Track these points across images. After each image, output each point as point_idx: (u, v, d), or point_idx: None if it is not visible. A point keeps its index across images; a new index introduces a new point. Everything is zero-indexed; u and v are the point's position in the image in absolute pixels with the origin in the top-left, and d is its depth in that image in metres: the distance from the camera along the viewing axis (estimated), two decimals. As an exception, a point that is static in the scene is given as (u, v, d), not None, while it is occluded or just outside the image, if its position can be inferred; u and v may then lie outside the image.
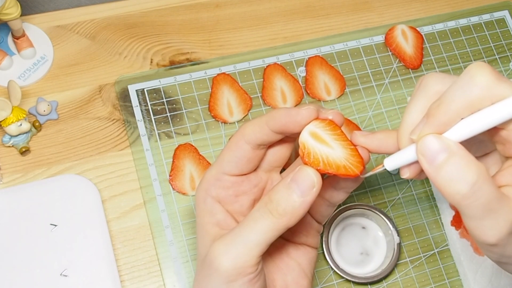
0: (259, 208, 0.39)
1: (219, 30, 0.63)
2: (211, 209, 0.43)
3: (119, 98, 0.58)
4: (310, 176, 0.39)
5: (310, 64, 0.62)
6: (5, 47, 0.58)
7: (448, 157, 0.34)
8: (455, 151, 0.34)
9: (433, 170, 0.35)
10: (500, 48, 0.67)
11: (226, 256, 0.38)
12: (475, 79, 0.34)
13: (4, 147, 0.55)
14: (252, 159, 0.43)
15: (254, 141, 0.42)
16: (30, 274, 0.50)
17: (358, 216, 0.57)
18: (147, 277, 0.53)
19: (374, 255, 0.56)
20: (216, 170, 0.43)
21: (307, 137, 0.40)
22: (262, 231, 0.38)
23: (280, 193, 0.39)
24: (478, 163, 0.34)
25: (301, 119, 0.40)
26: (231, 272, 0.38)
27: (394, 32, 0.65)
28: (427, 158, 0.35)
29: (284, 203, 0.38)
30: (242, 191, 0.44)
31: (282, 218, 0.38)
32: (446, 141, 0.35)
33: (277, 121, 0.41)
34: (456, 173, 0.34)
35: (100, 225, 0.52)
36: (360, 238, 0.56)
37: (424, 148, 0.35)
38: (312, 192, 0.39)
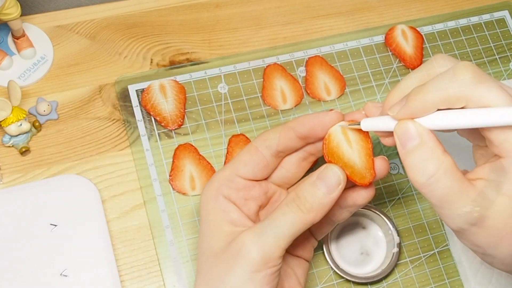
0: (287, 203, 0.41)
1: (219, 30, 0.63)
2: (225, 208, 0.43)
3: (119, 98, 0.58)
4: (336, 173, 0.40)
5: (310, 64, 0.62)
6: (5, 47, 0.58)
7: (417, 145, 0.37)
8: (425, 141, 0.36)
9: (403, 153, 0.37)
10: (500, 48, 0.67)
11: (255, 244, 0.39)
12: (458, 77, 0.36)
13: (4, 147, 0.55)
14: (268, 166, 0.44)
15: (276, 146, 0.43)
16: (30, 274, 0.50)
17: (358, 216, 0.57)
18: (147, 277, 0.53)
19: (374, 255, 0.56)
20: (230, 171, 0.44)
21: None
22: (290, 224, 0.40)
23: (307, 190, 0.40)
24: (442, 156, 0.36)
25: (329, 121, 0.42)
26: (258, 261, 0.39)
27: (394, 32, 0.65)
28: (401, 141, 0.37)
29: (311, 200, 0.40)
30: (252, 195, 0.44)
31: (310, 213, 0.40)
32: (420, 129, 0.37)
33: (304, 124, 0.42)
34: (419, 163, 0.36)
35: (100, 225, 0.52)
36: (360, 238, 0.56)
37: (400, 131, 0.37)
38: (338, 189, 0.40)
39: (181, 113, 0.58)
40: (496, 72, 0.65)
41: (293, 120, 0.43)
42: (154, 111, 0.57)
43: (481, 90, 0.35)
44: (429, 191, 0.36)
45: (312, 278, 0.55)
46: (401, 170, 0.60)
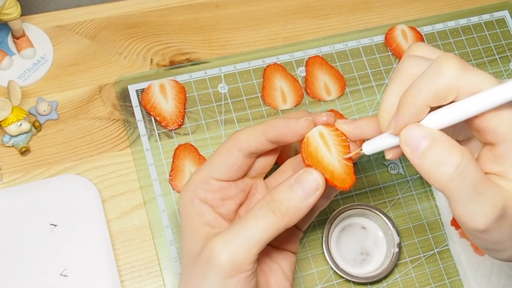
0: (261, 207, 0.39)
1: (219, 30, 0.63)
2: (200, 210, 0.43)
3: (119, 98, 0.58)
4: (315, 178, 0.39)
5: (310, 64, 0.62)
6: (5, 47, 0.58)
7: (431, 142, 0.35)
8: (437, 136, 0.35)
9: (417, 158, 0.35)
10: (500, 48, 0.67)
11: (226, 251, 0.38)
12: (442, 69, 0.34)
13: (4, 147, 0.55)
14: (242, 167, 0.43)
15: (248, 149, 0.42)
16: (30, 274, 0.50)
17: (358, 216, 0.57)
18: (147, 277, 0.53)
19: (374, 255, 0.56)
20: (204, 174, 0.43)
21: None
22: (263, 229, 0.39)
23: (283, 193, 0.39)
24: (461, 146, 0.35)
25: (299, 128, 0.41)
26: (229, 268, 0.38)
27: (394, 32, 0.65)
28: (411, 147, 0.35)
29: (287, 203, 0.39)
30: (229, 195, 0.44)
31: (284, 217, 0.39)
32: (427, 129, 0.35)
33: (275, 130, 0.41)
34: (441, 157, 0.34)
35: (100, 225, 0.52)
36: (360, 238, 0.56)
37: (407, 138, 0.36)
38: (316, 194, 0.39)
39: (181, 113, 0.58)
40: (496, 72, 0.65)
41: (264, 124, 0.42)
42: (154, 111, 0.57)
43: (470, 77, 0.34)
44: (460, 183, 0.34)
45: (312, 278, 0.55)
46: (400, 170, 0.60)
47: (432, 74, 0.35)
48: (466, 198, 0.35)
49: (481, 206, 0.35)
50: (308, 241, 0.56)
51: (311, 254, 0.56)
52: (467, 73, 0.34)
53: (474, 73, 0.34)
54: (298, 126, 0.41)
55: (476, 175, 0.34)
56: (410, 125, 0.36)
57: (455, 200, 0.35)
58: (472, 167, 0.34)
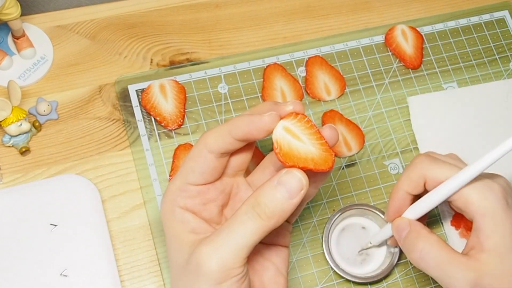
0: (246, 211, 0.39)
1: (219, 30, 0.63)
2: (182, 218, 0.42)
3: (119, 98, 0.58)
4: (298, 178, 0.39)
5: (310, 64, 0.62)
6: (5, 47, 0.58)
7: (407, 233, 0.46)
8: (413, 228, 0.46)
9: (401, 243, 0.47)
10: (500, 48, 0.67)
11: (214, 259, 0.38)
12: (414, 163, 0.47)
13: (4, 147, 0.55)
14: (216, 168, 0.43)
15: (217, 150, 0.42)
16: (30, 274, 0.50)
17: (358, 216, 0.57)
18: (147, 277, 0.53)
19: (374, 255, 0.56)
20: (180, 181, 0.43)
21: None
22: (250, 233, 0.39)
23: (268, 195, 0.39)
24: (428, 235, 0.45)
25: (264, 125, 0.40)
26: (219, 275, 0.38)
27: (394, 32, 0.65)
28: (397, 234, 0.48)
29: (272, 206, 0.39)
30: (209, 199, 0.43)
31: (270, 220, 0.39)
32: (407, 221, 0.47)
33: (240, 129, 0.41)
34: (411, 244, 0.46)
35: (100, 225, 0.52)
36: (360, 238, 0.56)
37: (394, 228, 0.48)
38: (301, 194, 0.39)
39: (181, 113, 0.58)
40: (496, 72, 0.65)
41: (229, 123, 0.41)
42: (154, 111, 0.57)
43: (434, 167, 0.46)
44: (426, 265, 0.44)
45: (312, 278, 0.55)
46: (400, 170, 0.60)
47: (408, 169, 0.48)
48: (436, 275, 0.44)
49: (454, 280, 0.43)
50: (308, 241, 0.56)
51: (311, 254, 0.56)
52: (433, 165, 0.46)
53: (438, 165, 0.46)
54: (262, 122, 0.40)
55: (440, 258, 0.44)
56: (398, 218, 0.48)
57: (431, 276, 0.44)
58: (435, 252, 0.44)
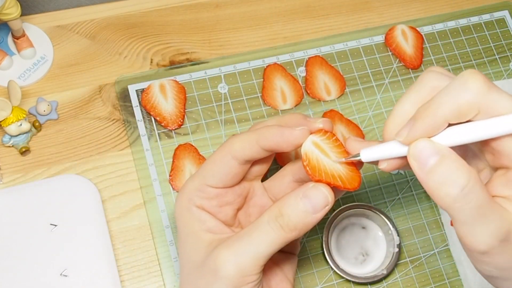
0: (268, 221, 0.39)
1: (219, 30, 0.63)
2: (199, 217, 0.42)
3: (119, 98, 0.58)
4: (324, 194, 0.39)
5: (310, 64, 0.62)
6: (5, 47, 0.58)
7: (440, 160, 0.34)
8: (446, 154, 0.34)
9: (424, 174, 0.35)
10: (500, 48, 0.67)
11: (232, 264, 0.39)
12: (468, 85, 0.34)
13: (4, 147, 0.55)
14: (237, 174, 0.43)
15: (242, 158, 0.42)
16: (30, 274, 0.50)
17: (358, 216, 0.57)
18: (147, 277, 0.53)
19: (374, 255, 0.56)
20: (199, 182, 0.43)
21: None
22: (270, 243, 0.39)
23: (292, 208, 0.39)
24: (470, 167, 0.34)
25: (294, 139, 0.40)
26: (236, 280, 0.39)
27: (394, 32, 0.65)
28: (419, 163, 0.35)
29: (295, 219, 0.39)
30: (226, 202, 0.43)
31: (292, 232, 0.39)
32: (438, 145, 0.35)
33: (269, 140, 0.41)
34: (447, 176, 0.34)
35: (100, 225, 0.52)
36: (360, 238, 0.56)
37: (416, 152, 0.35)
38: (325, 209, 0.39)
39: (181, 113, 0.58)
40: (496, 72, 0.65)
41: (258, 133, 0.41)
42: (154, 111, 0.57)
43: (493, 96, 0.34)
44: (464, 204, 0.34)
45: (312, 278, 0.55)
46: (400, 170, 0.60)
47: (456, 88, 0.34)
48: (469, 219, 0.34)
49: (485, 228, 0.34)
50: (308, 241, 0.56)
51: (311, 254, 0.56)
52: (491, 92, 0.34)
53: (497, 93, 0.34)
54: (293, 136, 0.40)
55: (482, 198, 0.34)
56: (420, 139, 0.35)
57: (458, 220, 0.35)
58: (479, 189, 0.34)
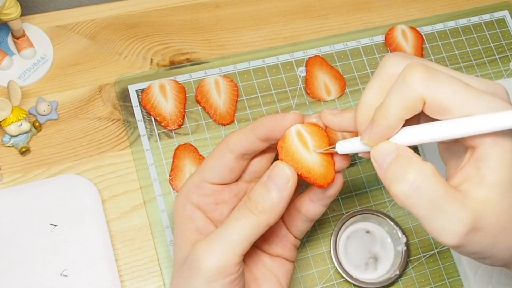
0: (239, 207, 0.40)
1: (219, 30, 0.63)
2: (191, 215, 0.43)
3: (119, 98, 0.58)
4: (284, 171, 0.39)
5: (310, 64, 0.62)
6: (5, 47, 0.58)
7: (393, 159, 0.36)
8: (401, 153, 0.36)
9: (382, 173, 0.36)
10: (500, 48, 0.67)
11: (209, 255, 0.39)
12: (407, 81, 0.35)
13: (4, 147, 0.55)
14: (234, 169, 0.43)
15: (239, 150, 0.42)
16: (30, 274, 0.50)
17: (360, 222, 0.56)
18: (147, 277, 0.53)
19: (383, 258, 0.56)
20: (198, 178, 0.43)
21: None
22: (243, 229, 0.39)
23: (258, 190, 0.40)
24: (421, 163, 0.35)
25: (287, 123, 0.41)
26: (213, 272, 0.38)
27: (394, 32, 0.65)
28: (378, 163, 0.36)
29: (262, 200, 0.39)
30: (222, 199, 0.44)
31: (262, 215, 0.39)
32: (394, 145, 0.36)
33: (263, 126, 0.41)
34: (398, 173, 0.35)
35: (100, 225, 0.52)
36: (366, 243, 0.56)
37: (375, 154, 0.37)
38: (288, 187, 0.39)
39: (181, 113, 0.58)
40: (496, 72, 0.65)
41: (253, 123, 0.42)
42: (154, 111, 0.57)
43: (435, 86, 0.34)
44: (416, 201, 0.34)
45: (312, 278, 0.55)
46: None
47: (399, 87, 0.35)
48: (426, 214, 0.34)
49: (447, 222, 0.34)
50: (308, 241, 0.56)
51: (311, 254, 0.56)
52: (432, 82, 0.34)
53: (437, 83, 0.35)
54: (286, 120, 0.41)
55: (436, 191, 0.34)
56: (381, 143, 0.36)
57: (417, 216, 0.35)
58: (430, 184, 0.34)
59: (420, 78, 0.34)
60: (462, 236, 0.34)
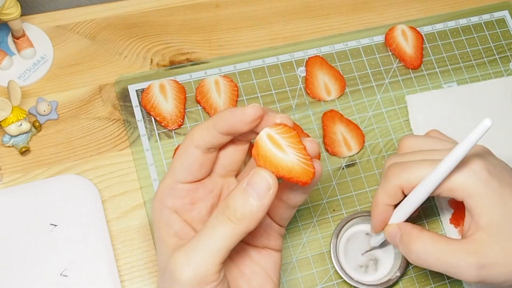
0: (217, 215, 0.39)
1: (219, 30, 0.63)
2: (168, 220, 0.42)
3: (119, 98, 0.58)
4: (265, 179, 0.38)
5: (310, 64, 0.62)
6: (5, 47, 0.58)
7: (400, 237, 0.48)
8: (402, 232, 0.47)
9: (399, 248, 0.48)
10: (500, 48, 0.67)
11: (187, 265, 0.38)
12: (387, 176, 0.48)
13: (4, 147, 0.55)
14: (204, 164, 0.42)
15: (203, 145, 0.41)
16: (30, 274, 0.50)
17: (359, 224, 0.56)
18: (147, 277, 0.53)
19: (383, 259, 0.56)
20: (169, 180, 0.42)
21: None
22: (221, 237, 0.38)
23: (237, 197, 0.38)
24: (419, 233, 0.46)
25: (246, 117, 0.40)
26: (192, 282, 0.37)
27: (394, 32, 0.65)
28: (393, 242, 0.49)
29: (241, 208, 0.38)
30: (198, 198, 0.43)
31: (241, 223, 0.38)
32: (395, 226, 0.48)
33: (223, 122, 0.40)
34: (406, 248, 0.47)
35: (100, 225, 0.52)
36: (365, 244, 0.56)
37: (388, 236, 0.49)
38: (269, 195, 0.38)
39: (181, 113, 0.58)
40: (496, 72, 0.65)
41: (214, 117, 0.41)
42: (154, 111, 0.57)
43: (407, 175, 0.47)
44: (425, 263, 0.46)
45: (312, 278, 0.55)
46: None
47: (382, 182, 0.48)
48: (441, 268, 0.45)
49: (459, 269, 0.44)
50: (308, 241, 0.56)
51: (311, 254, 0.56)
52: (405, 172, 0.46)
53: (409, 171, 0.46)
54: (245, 114, 0.40)
55: (438, 252, 0.45)
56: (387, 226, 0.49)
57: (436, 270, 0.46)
58: (430, 249, 0.45)
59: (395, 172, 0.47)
60: (476, 274, 0.44)
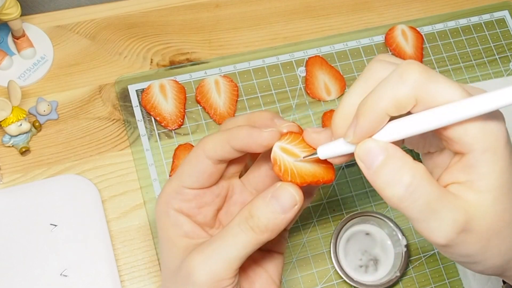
0: (239, 223, 0.39)
1: (219, 30, 0.63)
2: (176, 221, 0.42)
3: (119, 98, 0.58)
4: (291, 194, 0.38)
5: (310, 64, 0.62)
6: (5, 47, 0.58)
7: (385, 160, 0.34)
8: (392, 154, 0.34)
9: (371, 174, 0.34)
10: (500, 48, 0.67)
11: (205, 269, 0.38)
12: (404, 77, 0.33)
13: (4, 147, 0.55)
14: (213, 174, 0.42)
15: (215, 157, 0.41)
16: (30, 274, 0.50)
17: (359, 224, 0.56)
18: (147, 277, 0.53)
19: (383, 260, 0.56)
20: (176, 184, 0.42)
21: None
22: (242, 246, 0.38)
23: (261, 209, 0.39)
24: (414, 164, 0.34)
25: (263, 140, 0.40)
26: (209, 285, 0.38)
27: (394, 32, 0.65)
28: (366, 163, 0.35)
29: (265, 220, 0.38)
30: (205, 202, 0.43)
31: (263, 234, 0.38)
32: (383, 145, 0.34)
33: (238, 140, 0.40)
34: (392, 176, 0.34)
35: (100, 225, 0.52)
36: (366, 245, 0.56)
37: (361, 154, 0.35)
38: (294, 209, 0.38)
39: (181, 113, 0.58)
40: (496, 72, 0.65)
41: (229, 133, 0.41)
42: (154, 111, 0.57)
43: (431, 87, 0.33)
44: (411, 203, 0.34)
45: (312, 278, 0.55)
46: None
47: (393, 82, 0.34)
48: (420, 216, 0.34)
49: (439, 222, 0.34)
50: (308, 241, 0.56)
51: (311, 254, 0.56)
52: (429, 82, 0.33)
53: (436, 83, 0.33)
54: (261, 138, 0.40)
55: (431, 194, 0.34)
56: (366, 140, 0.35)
57: (410, 218, 0.34)
58: (425, 186, 0.34)
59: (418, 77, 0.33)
60: (454, 236, 0.34)
